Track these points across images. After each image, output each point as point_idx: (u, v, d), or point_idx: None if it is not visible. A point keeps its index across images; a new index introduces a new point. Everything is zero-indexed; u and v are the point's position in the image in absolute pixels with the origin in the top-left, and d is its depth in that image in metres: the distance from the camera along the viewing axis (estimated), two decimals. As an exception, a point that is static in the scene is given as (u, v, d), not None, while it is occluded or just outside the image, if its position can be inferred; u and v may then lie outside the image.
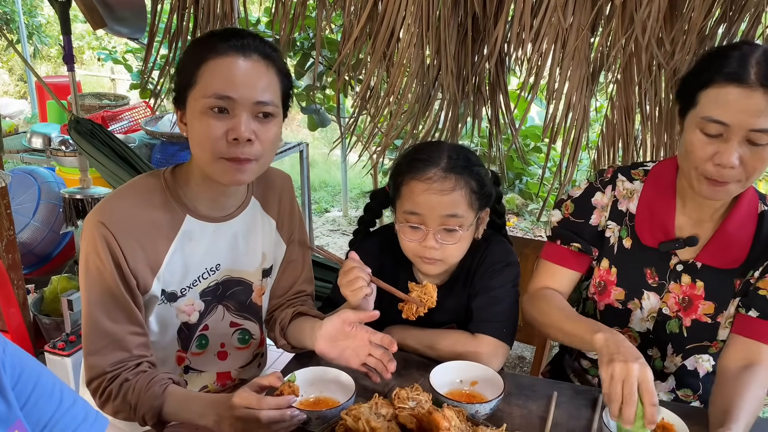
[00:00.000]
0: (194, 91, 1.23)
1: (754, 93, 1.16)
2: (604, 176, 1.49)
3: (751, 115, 1.16)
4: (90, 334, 1.28)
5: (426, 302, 1.41)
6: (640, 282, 1.46)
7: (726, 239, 1.36)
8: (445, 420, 1.03)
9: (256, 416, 1.11)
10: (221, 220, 1.38)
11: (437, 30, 2.19)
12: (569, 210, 1.51)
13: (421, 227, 1.41)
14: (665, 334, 1.47)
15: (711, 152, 1.22)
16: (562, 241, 1.50)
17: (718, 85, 1.20)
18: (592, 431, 1.24)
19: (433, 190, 1.39)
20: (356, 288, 1.37)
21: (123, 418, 1.29)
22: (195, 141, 1.26)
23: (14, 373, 0.92)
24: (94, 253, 1.26)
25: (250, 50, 1.23)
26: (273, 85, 1.26)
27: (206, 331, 1.43)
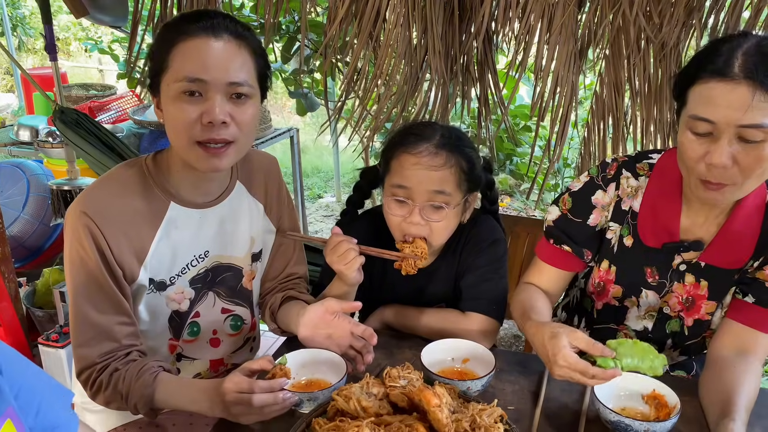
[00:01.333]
0: (166, 75, 1.21)
1: (738, 87, 1.09)
2: (607, 172, 1.40)
3: (736, 110, 1.09)
4: (77, 325, 1.27)
5: (421, 254, 1.41)
6: (639, 280, 1.41)
7: (731, 237, 1.30)
8: (435, 397, 1.02)
9: (249, 400, 1.11)
10: (206, 205, 1.37)
11: (423, 9, 2.17)
12: (567, 205, 1.43)
13: (407, 201, 1.41)
14: (665, 333, 1.44)
15: (702, 152, 1.16)
16: (554, 240, 1.45)
17: (702, 81, 1.14)
18: (584, 404, 1.24)
19: (422, 164, 1.38)
20: (350, 260, 1.37)
21: (115, 408, 1.28)
22: (170, 127, 1.23)
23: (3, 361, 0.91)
24: (77, 244, 1.24)
25: (220, 30, 1.20)
26: (246, 65, 1.23)
27: (198, 318, 1.42)
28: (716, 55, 1.13)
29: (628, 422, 1.10)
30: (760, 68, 1.08)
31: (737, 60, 1.10)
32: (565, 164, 4.29)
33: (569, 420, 1.21)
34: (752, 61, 1.09)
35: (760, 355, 1.28)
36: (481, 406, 1.08)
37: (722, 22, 2.10)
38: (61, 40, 10.36)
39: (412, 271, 1.43)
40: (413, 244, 1.42)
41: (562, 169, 4.30)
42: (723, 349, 1.30)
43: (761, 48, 1.11)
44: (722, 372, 1.24)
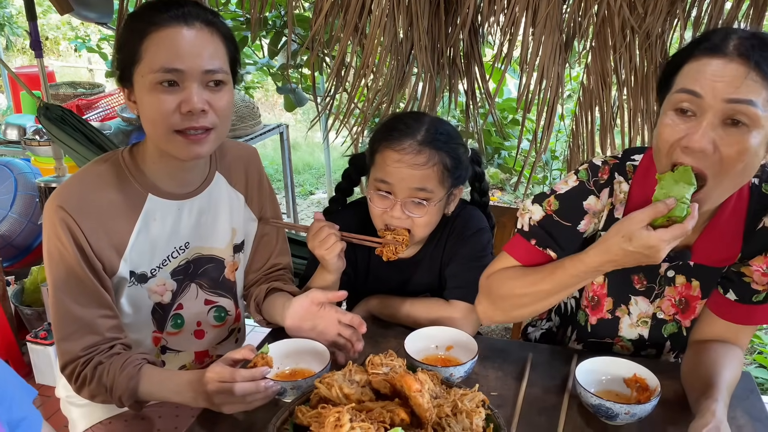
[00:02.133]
0: (140, 67, 1.20)
1: (732, 62, 1.03)
2: (600, 176, 1.29)
3: (727, 83, 1.02)
4: (59, 320, 1.26)
5: (402, 241, 1.42)
6: (627, 288, 1.36)
7: (717, 233, 1.24)
8: (416, 382, 1.03)
9: (230, 389, 1.11)
10: (185, 197, 1.36)
11: (409, 2, 2.17)
12: (553, 207, 1.30)
13: (389, 196, 1.41)
14: (662, 338, 1.40)
15: (680, 134, 1.07)
16: (537, 242, 1.30)
17: (694, 59, 1.08)
18: (567, 390, 1.25)
19: (405, 162, 1.39)
20: (330, 245, 1.38)
21: (100, 401, 1.28)
22: (147, 118, 1.23)
23: None
24: (55, 238, 1.24)
25: (192, 18, 1.20)
26: (220, 52, 1.23)
27: (181, 310, 1.42)
28: (710, 37, 1.09)
29: (609, 405, 1.10)
30: (756, 50, 1.03)
31: (732, 41, 1.05)
32: (553, 157, 4.30)
33: (552, 404, 1.21)
34: (749, 43, 1.04)
35: (742, 343, 1.28)
36: (463, 391, 1.09)
37: (705, 12, 2.11)
38: (50, 40, 10.31)
39: (393, 257, 1.43)
40: (395, 231, 1.43)
41: (550, 162, 4.31)
42: (705, 335, 1.30)
43: (756, 34, 1.06)
44: (704, 355, 1.24)
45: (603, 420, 1.15)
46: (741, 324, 1.27)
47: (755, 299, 1.24)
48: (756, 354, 3.07)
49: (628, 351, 1.43)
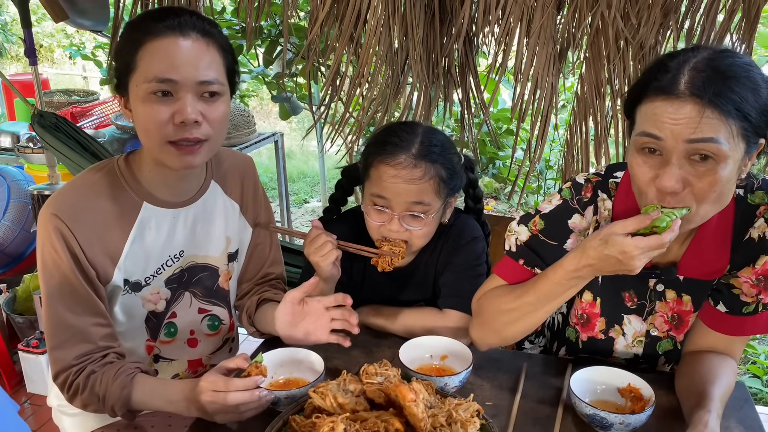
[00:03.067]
0: (135, 76, 1.20)
1: (684, 104, 1.02)
2: (583, 194, 1.29)
3: (684, 126, 1.02)
4: (52, 328, 1.26)
5: (398, 252, 1.42)
6: (619, 307, 1.34)
7: (704, 246, 1.23)
8: (411, 392, 1.02)
9: (224, 399, 1.11)
10: (180, 205, 1.36)
11: (404, 12, 2.18)
12: (537, 227, 1.31)
13: (386, 210, 1.41)
14: (658, 355, 1.38)
15: (652, 175, 1.08)
16: (525, 262, 1.31)
17: (649, 100, 1.08)
18: (562, 399, 1.25)
19: (401, 177, 1.38)
20: (326, 252, 1.38)
21: (92, 411, 1.28)
22: (141, 127, 1.23)
23: None
24: (49, 246, 1.23)
25: (188, 28, 1.20)
26: (216, 63, 1.23)
27: (174, 319, 1.42)
28: (663, 72, 1.07)
29: (603, 415, 1.10)
30: (708, 85, 1.01)
31: (683, 77, 1.04)
32: (547, 166, 4.32)
33: (546, 414, 1.21)
34: (700, 77, 1.03)
35: (735, 354, 1.28)
36: (458, 401, 1.08)
37: (698, 24, 2.13)
38: (44, 47, 10.30)
39: (388, 268, 1.43)
40: (392, 243, 1.43)
41: (544, 171, 4.33)
42: (698, 346, 1.30)
43: (712, 62, 1.04)
44: (698, 366, 1.24)
45: (598, 430, 1.15)
46: (732, 335, 1.27)
47: (745, 311, 1.24)
48: (750, 364, 3.07)
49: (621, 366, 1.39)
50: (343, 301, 1.32)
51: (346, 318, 1.33)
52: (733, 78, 1.02)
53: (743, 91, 1.02)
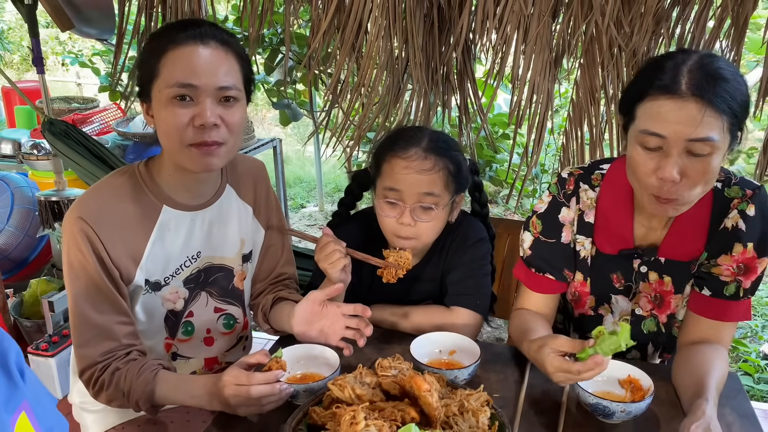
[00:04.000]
0: (157, 82, 1.27)
1: (687, 103, 1.14)
2: (567, 188, 1.44)
3: (686, 125, 1.14)
4: (78, 326, 1.31)
5: (403, 264, 1.48)
6: (608, 287, 1.47)
7: (683, 230, 1.37)
8: (426, 383, 1.08)
9: (247, 392, 1.16)
10: (197, 208, 1.42)
11: (404, 21, 2.24)
12: (538, 229, 1.46)
13: (398, 203, 1.48)
14: (643, 335, 1.48)
15: (653, 166, 1.20)
16: (536, 269, 1.47)
17: (652, 98, 1.19)
18: (565, 391, 1.31)
19: (413, 168, 1.45)
20: (334, 260, 1.43)
21: (117, 406, 1.33)
22: (162, 131, 1.29)
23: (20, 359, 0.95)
24: (75, 249, 1.29)
25: (207, 37, 1.27)
26: (233, 70, 1.30)
27: (191, 318, 1.47)
28: (662, 72, 1.18)
29: (605, 404, 1.17)
30: (706, 86, 1.14)
31: (684, 77, 1.16)
32: (543, 170, 4.39)
33: (551, 405, 1.28)
34: (699, 78, 1.15)
35: (725, 341, 1.36)
36: (468, 391, 1.14)
37: (688, 32, 2.21)
38: (36, 54, 10.31)
39: (392, 280, 1.49)
40: (398, 254, 1.48)
41: (540, 175, 4.40)
42: (691, 337, 1.38)
43: (703, 66, 1.17)
44: (692, 357, 1.31)
45: (600, 419, 1.21)
46: (719, 320, 1.36)
47: (726, 292, 1.34)
48: (741, 362, 3.15)
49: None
50: (362, 312, 1.38)
51: (361, 329, 1.39)
52: (724, 79, 1.15)
53: (732, 91, 1.15)
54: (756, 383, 3.02)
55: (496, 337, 3.44)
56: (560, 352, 1.20)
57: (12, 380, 0.92)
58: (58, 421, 0.98)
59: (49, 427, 0.95)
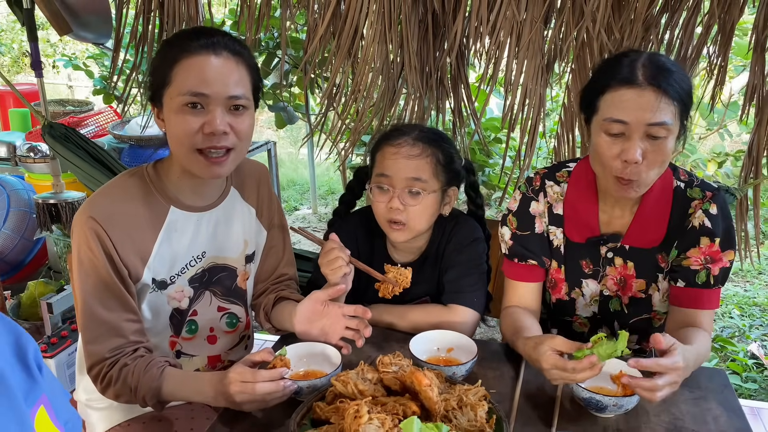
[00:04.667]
0: (170, 89, 1.31)
1: (645, 92, 1.30)
2: (534, 185, 1.59)
3: (645, 111, 1.29)
4: (87, 323, 1.34)
5: (401, 282, 1.52)
6: (579, 273, 1.59)
7: (645, 220, 1.50)
8: (426, 378, 1.13)
9: (252, 389, 1.19)
10: (203, 209, 1.46)
11: (399, 27, 2.29)
12: (514, 225, 1.59)
13: (388, 189, 1.54)
14: (609, 313, 1.61)
15: (617, 151, 1.34)
16: (518, 259, 1.58)
17: (613, 90, 1.33)
18: (560, 387, 1.35)
19: (401, 154, 1.53)
20: (336, 267, 1.47)
21: (124, 401, 1.36)
22: (172, 136, 1.33)
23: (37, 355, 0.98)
24: (86, 247, 1.32)
25: (220, 48, 1.31)
26: (244, 80, 1.34)
27: (195, 316, 1.51)
28: (620, 67, 1.34)
29: (598, 398, 1.21)
30: (660, 77, 1.30)
31: (639, 70, 1.32)
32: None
33: (546, 400, 1.32)
34: (651, 71, 1.31)
35: (706, 327, 1.46)
36: (467, 386, 1.19)
37: (677, 38, 2.27)
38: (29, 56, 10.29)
39: (388, 296, 1.53)
40: (398, 271, 1.53)
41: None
42: (673, 326, 1.49)
43: (653, 61, 1.34)
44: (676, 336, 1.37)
45: (593, 413, 1.25)
46: (696, 308, 1.47)
47: (698, 280, 1.46)
48: (729, 362, 3.21)
49: (586, 327, 1.65)
50: (362, 314, 1.42)
51: (360, 329, 1.43)
52: (671, 71, 1.33)
53: (679, 81, 1.32)
54: (744, 382, 3.09)
55: (489, 337, 3.49)
56: (557, 351, 1.25)
57: (31, 375, 0.96)
58: (72, 415, 1.01)
59: (66, 421, 0.99)
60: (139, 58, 2.60)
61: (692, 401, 1.31)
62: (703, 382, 1.38)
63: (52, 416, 0.96)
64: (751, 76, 2.24)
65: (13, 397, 0.91)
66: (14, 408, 0.90)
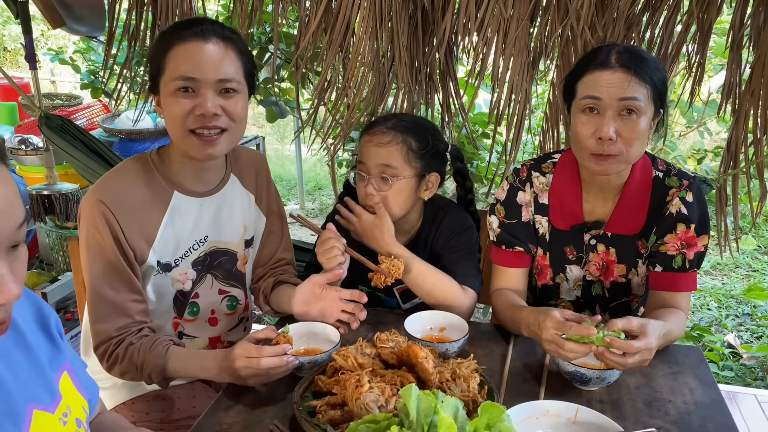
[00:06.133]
0: (164, 76, 1.38)
1: (616, 72, 1.41)
2: (521, 175, 1.67)
3: (617, 87, 1.40)
4: (94, 304, 1.40)
5: (393, 273, 1.58)
6: (563, 259, 1.67)
7: (626, 208, 1.58)
8: (422, 350, 1.20)
9: (257, 364, 1.25)
10: (205, 194, 1.52)
11: (390, 23, 2.35)
12: (502, 214, 1.67)
13: (365, 176, 1.63)
14: (592, 297, 1.70)
15: (592, 129, 1.44)
16: (506, 245, 1.66)
17: (589, 73, 1.45)
18: (546, 363, 1.44)
19: (373, 142, 1.61)
20: (331, 256, 1.54)
21: (129, 379, 1.42)
22: (168, 119, 1.40)
23: (59, 325, 1.04)
24: (93, 229, 1.38)
25: (209, 34, 1.37)
26: (233, 64, 1.40)
27: (197, 299, 1.56)
28: (597, 55, 1.46)
29: (583, 371, 1.29)
30: (631, 61, 1.42)
31: (613, 56, 1.44)
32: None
33: (534, 375, 1.40)
34: (625, 56, 1.43)
35: (682, 307, 1.54)
36: (459, 360, 1.26)
37: (657, 36, 2.35)
38: (11, 52, 10.22)
39: (380, 286, 1.61)
40: (391, 262, 1.59)
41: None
42: (652, 308, 1.57)
43: (628, 49, 1.46)
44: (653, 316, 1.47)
45: (578, 385, 1.33)
46: (673, 291, 1.55)
47: (674, 264, 1.55)
48: (707, 351, 3.32)
49: (570, 309, 1.71)
50: (358, 298, 1.49)
51: (356, 313, 1.49)
52: (645, 58, 1.45)
53: (651, 67, 1.43)
54: (721, 370, 3.20)
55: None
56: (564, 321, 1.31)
57: (54, 343, 1.02)
58: (91, 383, 1.07)
59: (86, 387, 1.05)
60: (131, 52, 2.63)
61: (670, 375, 1.40)
62: (680, 358, 1.46)
63: (75, 382, 1.02)
64: (728, 73, 2.33)
65: (38, 361, 0.97)
66: (39, 371, 0.96)
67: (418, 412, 0.94)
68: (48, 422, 0.93)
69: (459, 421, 0.94)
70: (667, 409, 1.27)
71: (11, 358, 0.93)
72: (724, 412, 1.27)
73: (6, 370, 0.91)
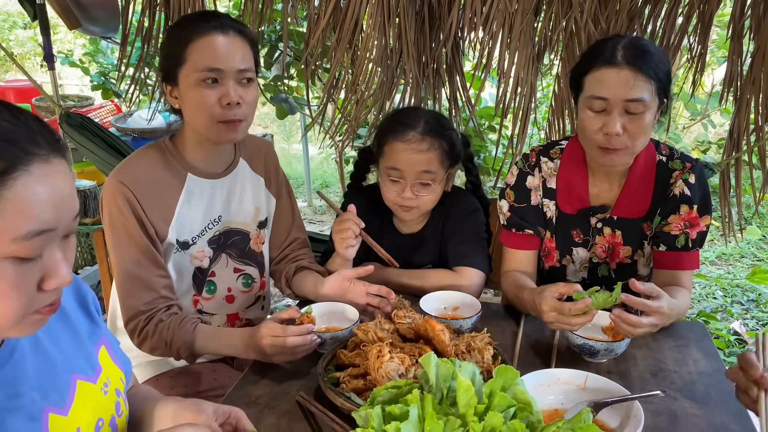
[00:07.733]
0: (185, 67, 1.45)
1: (623, 70, 1.44)
2: (530, 161, 1.72)
3: (623, 88, 1.43)
4: (122, 281, 1.48)
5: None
6: (570, 242, 1.72)
7: (631, 192, 1.64)
8: (438, 324, 1.26)
9: (283, 342, 1.32)
10: (216, 177, 1.60)
11: (398, 19, 2.42)
12: (511, 198, 1.73)
13: (400, 181, 1.67)
14: (598, 278, 1.75)
15: (599, 125, 1.48)
16: (516, 228, 1.72)
17: (596, 69, 1.48)
18: (556, 338, 1.50)
19: (411, 150, 1.65)
20: (345, 237, 1.62)
21: (159, 354, 1.49)
22: (191, 108, 1.47)
23: (96, 302, 1.11)
24: (117, 211, 1.46)
25: (227, 28, 1.46)
26: (248, 55, 1.50)
27: (213, 277, 1.64)
28: (603, 49, 1.48)
29: (591, 344, 1.35)
30: (637, 57, 1.44)
31: (619, 52, 1.46)
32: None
33: (544, 349, 1.46)
34: (630, 52, 1.45)
35: (686, 285, 1.60)
36: (473, 334, 1.33)
37: (659, 27, 2.41)
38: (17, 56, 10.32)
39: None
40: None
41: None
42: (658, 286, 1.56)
43: (633, 44, 1.48)
44: None
45: (586, 358, 1.40)
46: (676, 269, 1.61)
47: (678, 244, 1.61)
48: (714, 339, 3.36)
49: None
50: (386, 294, 1.54)
51: (381, 307, 1.54)
52: (649, 52, 1.47)
53: (656, 61, 1.46)
54: (727, 357, 3.25)
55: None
56: (559, 294, 1.38)
57: (92, 318, 1.09)
58: (125, 358, 1.14)
59: (122, 361, 1.11)
60: (145, 52, 2.70)
61: (675, 348, 1.46)
62: (684, 332, 1.53)
63: (112, 355, 1.09)
64: (729, 63, 2.39)
65: (79, 335, 1.04)
66: (81, 345, 1.03)
67: (437, 378, 1.00)
68: (91, 392, 1.00)
69: (476, 384, 1.00)
70: (672, 379, 1.34)
71: (55, 332, 1.00)
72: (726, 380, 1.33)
73: (51, 343, 0.98)
